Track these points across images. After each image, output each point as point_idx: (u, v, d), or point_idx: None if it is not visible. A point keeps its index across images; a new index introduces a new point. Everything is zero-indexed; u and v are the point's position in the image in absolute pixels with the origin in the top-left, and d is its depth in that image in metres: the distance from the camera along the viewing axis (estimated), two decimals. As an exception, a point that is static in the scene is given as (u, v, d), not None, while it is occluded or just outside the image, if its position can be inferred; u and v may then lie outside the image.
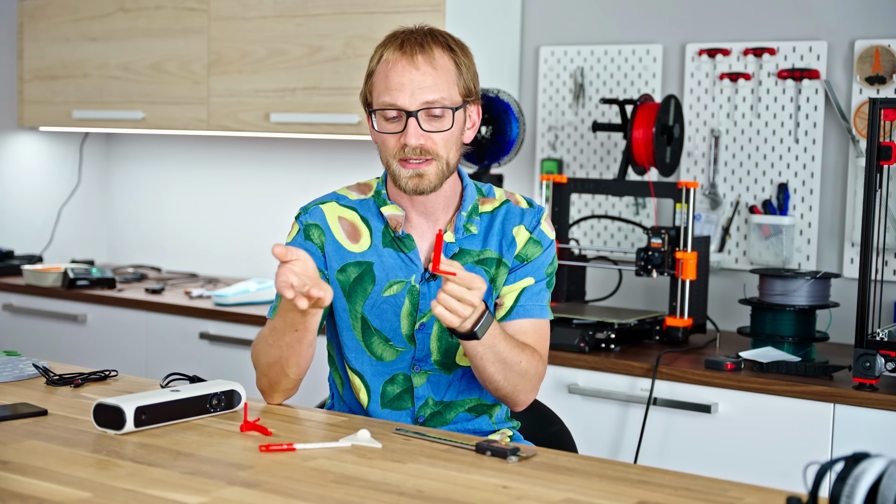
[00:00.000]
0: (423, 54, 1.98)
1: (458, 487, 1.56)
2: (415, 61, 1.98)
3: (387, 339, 2.06)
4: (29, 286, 4.06)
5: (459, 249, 2.06)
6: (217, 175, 4.44)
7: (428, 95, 1.98)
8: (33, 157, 4.54)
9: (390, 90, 1.98)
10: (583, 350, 2.96)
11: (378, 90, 2.01)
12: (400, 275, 2.06)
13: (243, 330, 3.57)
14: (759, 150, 3.34)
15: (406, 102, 1.97)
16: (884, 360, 2.57)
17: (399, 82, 1.98)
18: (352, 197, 2.13)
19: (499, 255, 2.08)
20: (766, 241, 3.27)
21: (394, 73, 1.98)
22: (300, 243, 2.09)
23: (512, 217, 2.10)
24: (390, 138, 2.01)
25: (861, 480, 1.35)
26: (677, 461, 2.80)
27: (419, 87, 1.97)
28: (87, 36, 4.22)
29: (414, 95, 1.97)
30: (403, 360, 2.06)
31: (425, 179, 2.00)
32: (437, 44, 2.01)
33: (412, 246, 2.06)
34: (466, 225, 2.07)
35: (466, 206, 2.08)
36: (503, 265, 2.07)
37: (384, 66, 2.00)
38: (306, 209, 2.12)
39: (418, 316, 2.05)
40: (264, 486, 1.55)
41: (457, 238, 2.06)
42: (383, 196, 2.09)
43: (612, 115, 3.54)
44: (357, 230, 2.09)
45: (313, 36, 3.68)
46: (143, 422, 1.82)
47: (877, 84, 3.15)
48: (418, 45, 1.99)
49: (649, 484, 1.59)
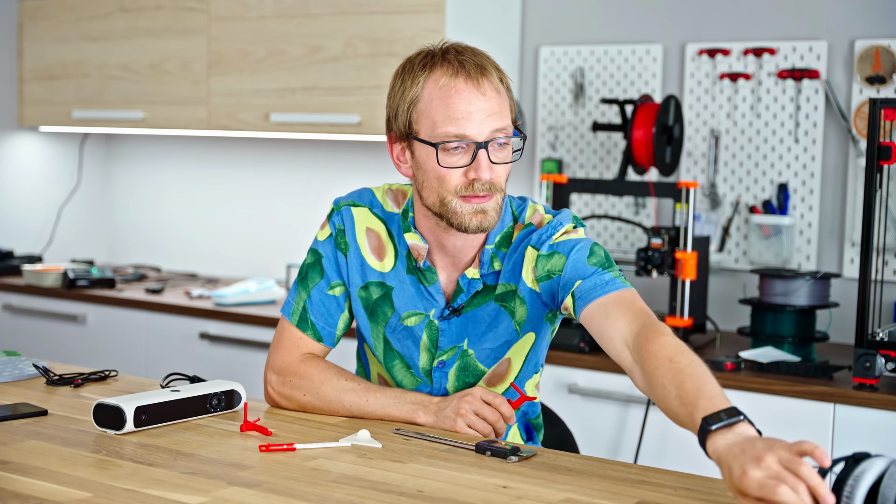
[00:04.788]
0: (487, 79, 1.82)
1: (458, 487, 1.56)
2: (481, 87, 1.81)
3: (407, 365, 2.00)
4: (29, 286, 4.06)
5: (484, 285, 1.94)
6: (217, 175, 4.44)
7: (497, 123, 1.82)
8: (33, 157, 4.54)
9: (457, 120, 1.80)
10: (583, 350, 2.96)
11: (435, 119, 1.82)
12: (419, 307, 1.96)
13: (243, 330, 3.57)
14: (759, 150, 3.34)
15: (475, 132, 1.80)
16: (884, 360, 2.57)
17: (467, 111, 1.80)
18: (386, 207, 2.00)
19: (513, 286, 1.93)
20: (766, 241, 3.27)
21: (460, 101, 1.80)
22: (332, 250, 2.00)
23: (528, 238, 1.94)
24: (455, 173, 1.82)
25: (861, 481, 1.35)
26: (677, 461, 2.80)
27: (488, 114, 1.81)
28: (87, 36, 4.22)
29: (483, 124, 1.80)
30: (420, 391, 2.00)
31: (488, 216, 1.85)
32: (492, 66, 1.84)
33: (433, 279, 1.95)
34: (493, 260, 1.93)
35: (493, 237, 1.93)
36: (517, 297, 1.93)
37: (443, 91, 1.81)
38: (339, 207, 2.00)
39: (437, 353, 1.97)
40: (264, 486, 1.55)
41: (481, 273, 1.93)
42: (410, 222, 1.96)
43: (612, 115, 3.54)
44: (383, 247, 1.99)
45: (313, 36, 3.68)
46: (143, 422, 1.81)
47: (877, 84, 3.15)
48: (479, 68, 1.82)
49: (649, 484, 1.59)
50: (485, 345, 1.97)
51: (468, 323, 1.96)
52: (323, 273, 2.01)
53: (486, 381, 1.99)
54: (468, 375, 1.98)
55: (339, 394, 1.94)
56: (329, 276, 2.00)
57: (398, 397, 1.92)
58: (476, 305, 1.96)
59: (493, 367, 1.98)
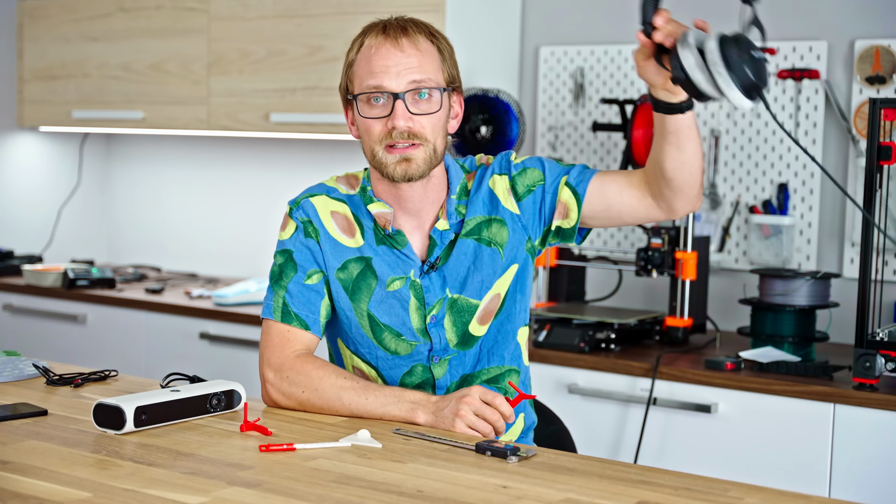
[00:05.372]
0: (407, 38, 1.96)
1: (458, 487, 1.56)
2: (399, 44, 1.95)
3: (398, 333, 2.03)
4: (29, 286, 4.06)
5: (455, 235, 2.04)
6: (217, 175, 4.44)
7: (415, 75, 1.94)
8: (33, 157, 4.54)
9: (375, 73, 1.94)
10: (583, 350, 2.96)
11: (360, 76, 1.97)
12: (398, 271, 2.03)
13: (243, 330, 3.57)
14: (759, 150, 3.34)
15: (392, 84, 1.93)
16: (884, 360, 2.57)
17: (384, 65, 1.94)
18: (342, 190, 2.08)
19: (487, 217, 2.05)
20: (766, 241, 3.27)
21: (378, 57, 1.95)
22: (302, 241, 2.05)
23: (485, 176, 2.07)
24: (376, 123, 1.95)
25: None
26: (677, 461, 2.80)
27: (405, 67, 1.94)
28: (87, 36, 4.22)
29: (400, 76, 1.94)
30: (419, 353, 2.04)
31: (413, 164, 1.96)
32: (420, 30, 1.99)
33: (404, 241, 2.03)
34: (458, 208, 2.04)
35: (454, 188, 2.04)
36: (496, 222, 2.04)
37: (366, 51, 1.97)
38: (297, 203, 2.07)
39: (427, 310, 2.03)
40: (264, 486, 1.55)
41: (451, 224, 2.04)
42: (369, 193, 2.05)
43: (613, 115, 3.54)
44: (352, 225, 2.06)
45: (313, 36, 3.68)
46: (143, 422, 1.82)
47: (877, 84, 3.15)
48: (401, 29, 1.97)
49: (649, 484, 1.59)
50: (470, 280, 2.03)
51: (450, 271, 2.03)
52: (296, 266, 2.04)
53: (478, 318, 2.04)
54: (463, 314, 2.03)
55: (338, 391, 1.94)
56: (304, 266, 2.04)
57: (398, 396, 1.93)
58: (451, 253, 2.03)
59: (485, 304, 2.04)
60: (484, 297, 2.04)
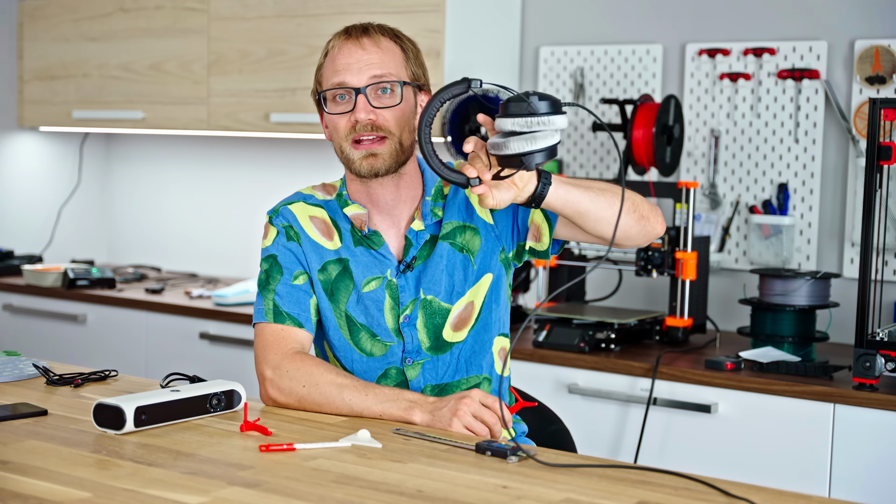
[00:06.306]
0: (369, 37, 2.03)
1: (458, 487, 1.56)
2: (361, 42, 2.02)
3: (373, 333, 2.06)
4: (29, 286, 4.06)
5: (430, 236, 2.07)
6: (217, 175, 4.44)
7: (375, 71, 2.00)
8: (33, 157, 4.54)
9: (338, 71, 2.01)
10: (583, 350, 2.96)
11: (326, 76, 2.04)
12: (375, 271, 2.06)
13: (243, 330, 3.57)
14: (759, 150, 3.34)
15: (353, 80, 2.00)
16: (884, 360, 2.57)
17: (346, 63, 2.01)
18: (318, 196, 2.13)
19: (462, 223, 2.07)
20: (766, 241, 3.27)
21: (340, 56, 2.02)
22: (285, 245, 2.08)
23: None
24: (341, 119, 2.01)
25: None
26: (677, 461, 2.80)
27: (367, 64, 2.01)
28: (87, 36, 4.22)
29: (361, 72, 2.00)
30: (394, 355, 2.06)
31: (379, 159, 2.00)
32: (383, 31, 2.06)
33: (381, 242, 2.07)
34: (434, 210, 2.07)
35: (430, 189, 2.08)
36: (469, 229, 2.07)
37: (331, 52, 2.04)
38: (275, 211, 2.11)
39: (400, 309, 2.05)
40: (264, 486, 1.55)
41: (426, 224, 2.07)
42: (345, 197, 2.09)
43: (612, 115, 3.54)
44: (330, 228, 2.10)
45: (313, 36, 3.68)
46: (143, 422, 1.82)
47: (877, 84, 3.15)
48: (363, 30, 2.04)
49: (649, 484, 1.59)
50: (443, 284, 2.05)
51: (424, 272, 2.05)
52: (282, 269, 2.08)
53: (451, 325, 2.05)
54: (435, 317, 2.05)
55: (338, 389, 1.95)
56: (290, 268, 2.07)
57: (397, 394, 1.94)
58: (427, 254, 2.06)
59: (458, 311, 2.05)
60: (456, 302, 2.06)
